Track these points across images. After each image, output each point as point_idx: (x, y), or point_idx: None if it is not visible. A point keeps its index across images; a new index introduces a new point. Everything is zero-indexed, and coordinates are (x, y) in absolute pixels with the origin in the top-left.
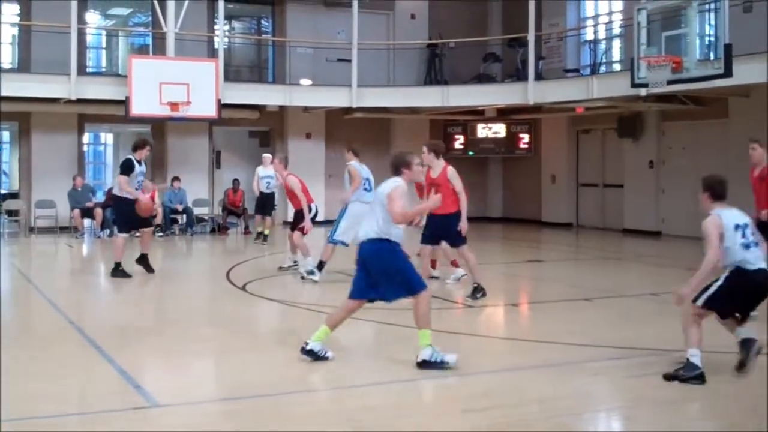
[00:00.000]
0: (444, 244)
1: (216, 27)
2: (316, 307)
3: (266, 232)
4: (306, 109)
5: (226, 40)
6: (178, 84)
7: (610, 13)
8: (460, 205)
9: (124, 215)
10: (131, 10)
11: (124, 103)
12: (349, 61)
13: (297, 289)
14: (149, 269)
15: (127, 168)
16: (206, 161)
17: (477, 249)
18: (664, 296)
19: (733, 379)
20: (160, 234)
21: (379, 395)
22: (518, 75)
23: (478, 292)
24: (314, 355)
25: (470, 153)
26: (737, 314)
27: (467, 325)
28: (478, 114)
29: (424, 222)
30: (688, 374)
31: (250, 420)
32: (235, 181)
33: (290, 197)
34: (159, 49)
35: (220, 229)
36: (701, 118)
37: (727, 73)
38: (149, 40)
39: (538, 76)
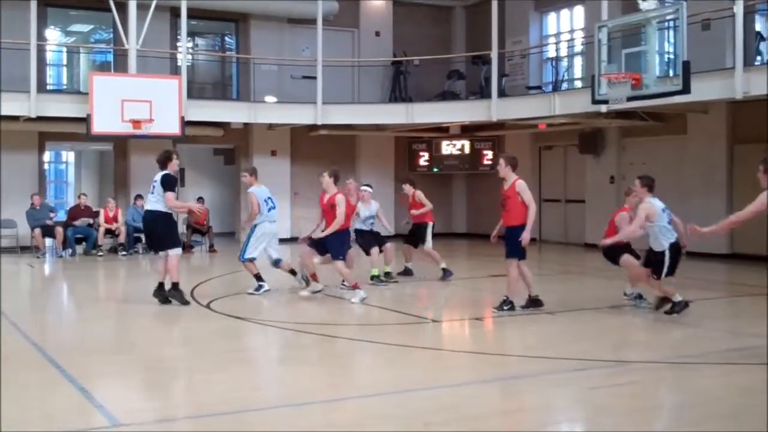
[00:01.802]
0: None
1: (179, 44)
2: (280, 323)
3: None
4: (271, 126)
5: (190, 57)
6: (140, 101)
7: (571, 31)
8: (527, 218)
9: (174, 231)
10: (92, 26)
11: (86, 120)
12: (314, 78)
13: (261, 306)
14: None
15: (172, 183)
16: None
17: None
18: (624, 308)
19: (696, 390)
20: (124, 253)
21: (341, 411)
22: (482, 92)
23: (506, 305)
24: None
25: (435, 169)
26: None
27: (430, 340)
28: (443, 131)
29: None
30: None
31: None
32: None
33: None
34: (121, 66)
35: (184, 247)
36: (661, 134)
37: (686, 89)
38: (111, 57)
39: (502, 93)
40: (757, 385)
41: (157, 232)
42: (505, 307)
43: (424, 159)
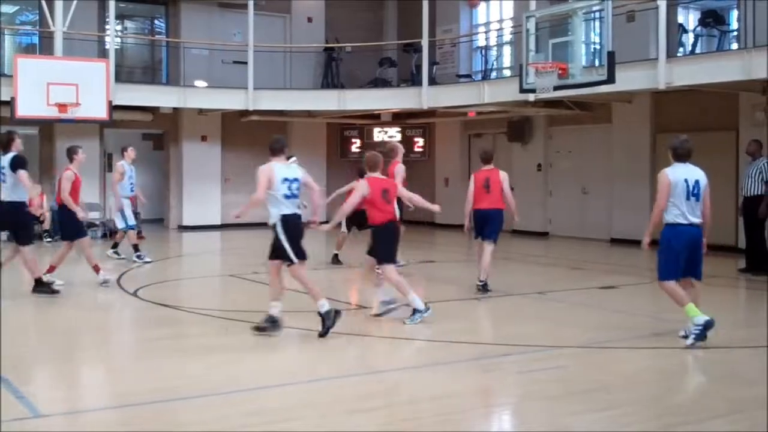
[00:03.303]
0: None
1: (107, 26)
2: (207, 311)
3: None
4: (201, 111)
5: (118, 40)
6: (66, 85)
7: (501, 20)
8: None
9: (30, 222)
10: (18, 7)
11: (10, 104)
12: (245, 63)
13: (189, 294)
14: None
15: (23, 163)
16: (97, 164)
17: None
18: (549, 294)
19: (621, 374)
20: (49, 239)
21: (267, 398)
22: (413, 80)
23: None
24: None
25: None
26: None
27: (359, 326)
28: (375, 118)
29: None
30: None
31: (139, 428)
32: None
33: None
34: (46, 48)
35: (111, 234)
36: (586, 123)
37: (611, 79)
38: (36, 40)
39: (432, 81)
40: (678, 368)
41: (18, 222)
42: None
43: (355, 146)
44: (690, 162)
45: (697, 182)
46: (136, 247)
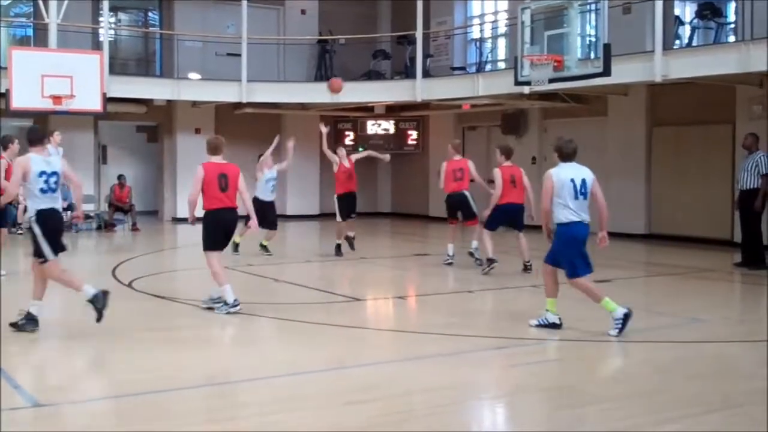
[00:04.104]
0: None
1: (101, 19)
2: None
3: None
4: (195, 103)
5: (112, 32)
6: (60, 77)
7: (495, 12)
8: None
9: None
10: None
11: (5, 96)
12: (239, 55)
13: (184, 286)
14: None
15: None
16: (91, 156)
17: (366, 244)
18: (543, 288)
19: (614, 368)
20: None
21: (262, 389)
22: (407, 72)
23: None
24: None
25: (360, 149)
26: None
27: (354, 318)
28: (368, 110)
29: None
30: None
31: (134, 418)
32: (121, 177)
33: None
34: (41, 40)
35: (106, 225)
36: (582, 116)
37: (606, 72)
38: (31, 32)
39: (426, 74)
40: (670, 362)
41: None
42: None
43: (349, 138)
44: (578, 161)
45: (584, 181)
46: None
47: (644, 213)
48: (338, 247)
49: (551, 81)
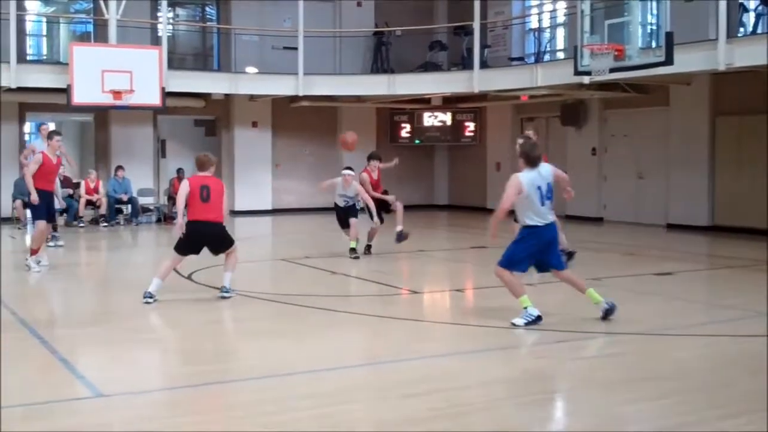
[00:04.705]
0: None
1: (159, 14)
2: (261, 295)
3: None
4: (252, 97)
5: (170, 27)
6: (120, 72)
7: (554, 2)
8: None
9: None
10: None
11: (66, 91)
12: (295, 48)
13: (243, 278)
14: None
15: None
16: (151, 150)
17: (423, 236)
18: (605, 281)
19: (674, 362)
20: (105, 224)
21: (322, 381)
22: (464, 63)
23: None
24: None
25: (417, 141)
26: None
27: (412, 311)
28: (425, 102)
29: None
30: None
31: (194, 408)
32: (180, 170)
33: None
34: (101, 36)
35: (165, 218)
36: (643, 106)
37: (669, 61)
38: (91, 27)
39: (484, 65)
40: (733, 357)
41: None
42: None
43: (405, 131)
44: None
45: (548, 185)
46: None
47: (707, 204)
48: (368, 247)
49: (612, 70)
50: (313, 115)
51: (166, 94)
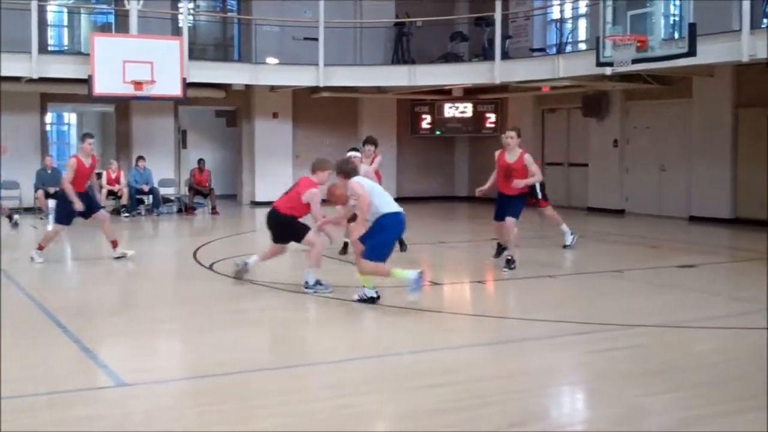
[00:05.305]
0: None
1: (180, 4)
2: (282, 285)
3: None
4: (273, 88)
5: (191, 17)
6: (141, 62)
7: None
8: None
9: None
10: None
11: (87, 82)
12: (316, 39)
13: (265, 268)
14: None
15: None
16: (172, 141)
17: (444, 228)
18: (627, 273)
19: (693, 355)
20: (126, 214)
21: (342, 372)
22: (485, 54)
23: (512, 263)
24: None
25: (437, 132)
26: None
27: (430, 302)
28: (446, 93)
29: None
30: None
31: (216, 398)
32: (201, 161)
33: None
34: (122, 26)
35: (186, 209)
36: (665, 98)
37: (692, 52)
38: (112, 18)
39: (505, 56)
40: (751, 350)
41: None
42: (512, 266)
43: (426, 122)
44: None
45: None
46: None
47: (729, 197)
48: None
49: (634, 62)
50: (334, 106)
51: (187, 85)
